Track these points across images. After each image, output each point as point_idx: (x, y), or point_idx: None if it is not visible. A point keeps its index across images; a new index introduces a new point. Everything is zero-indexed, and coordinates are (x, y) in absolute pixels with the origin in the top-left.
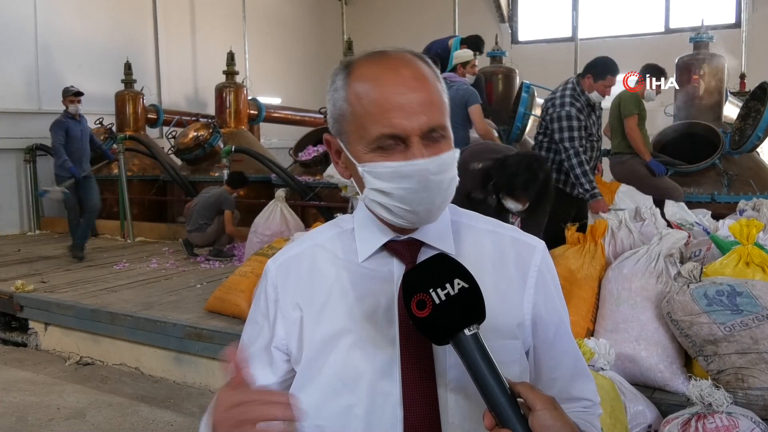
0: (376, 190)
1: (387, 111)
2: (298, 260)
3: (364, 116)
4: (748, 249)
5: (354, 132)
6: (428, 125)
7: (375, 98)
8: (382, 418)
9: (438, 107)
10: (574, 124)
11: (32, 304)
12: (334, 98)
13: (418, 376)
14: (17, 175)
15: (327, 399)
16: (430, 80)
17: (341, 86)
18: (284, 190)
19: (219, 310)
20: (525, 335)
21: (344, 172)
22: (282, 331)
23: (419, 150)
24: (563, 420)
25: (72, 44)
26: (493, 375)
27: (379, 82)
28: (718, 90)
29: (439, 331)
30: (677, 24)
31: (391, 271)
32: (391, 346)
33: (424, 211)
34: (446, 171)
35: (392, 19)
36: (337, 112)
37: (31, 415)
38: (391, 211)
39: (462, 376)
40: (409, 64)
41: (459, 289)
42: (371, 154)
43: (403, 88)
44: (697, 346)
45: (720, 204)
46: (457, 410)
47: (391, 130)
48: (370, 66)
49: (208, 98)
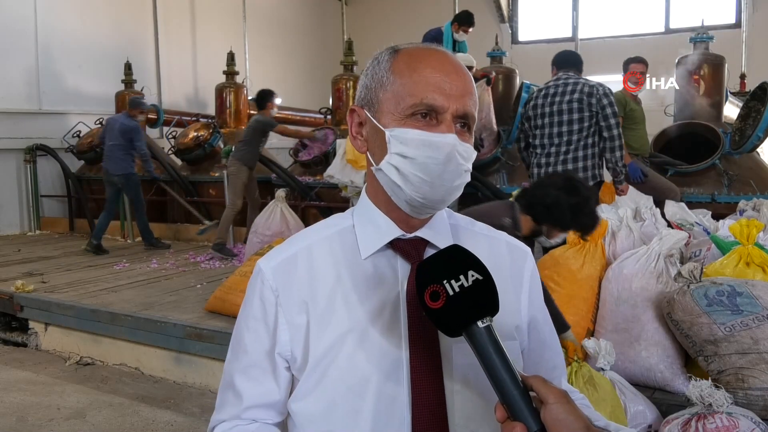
0: (399, 154)
1: (431, 84)
2: (295, 261)
3: (406, 85)
4: (748, 249)
5: (389, 100)
6: (464, 110)
7: (422, 72)
8: (390, 421)
9: (473, 100)
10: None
11: (32, 304)
12: (374, 71)
13: (426, 378)
14: (17, 175)
15: (334, 404)
16: (468, 76)
17: (386, 60)
18: (284, 190)
19: (219, 310)
20: (522, 337)
21: (362, 146)
22: (286, 337)
23: (450, 127)
24: (576, 414)
25: (72, 44)
26: (505, 367)
27: (427, 62)
28: (718, 90)
29: (453, 323)
30: (677, 24)
31: (395, 269)
32: (398, 348)
33: (439, 187)
34: (469, 159)
35: (392, 19)
36: (374, 83)
37: (31, 415)
38: (406, 178)
39: (470, 376)
40: (452, 57)
41: (473, 281)
42: (403, 120)
43: (448, 70)
44: (697, 347)
45: (720, 204)
46: (464, 411)
47: (432, 101)
48: (418, 51)
49: (208, 98)
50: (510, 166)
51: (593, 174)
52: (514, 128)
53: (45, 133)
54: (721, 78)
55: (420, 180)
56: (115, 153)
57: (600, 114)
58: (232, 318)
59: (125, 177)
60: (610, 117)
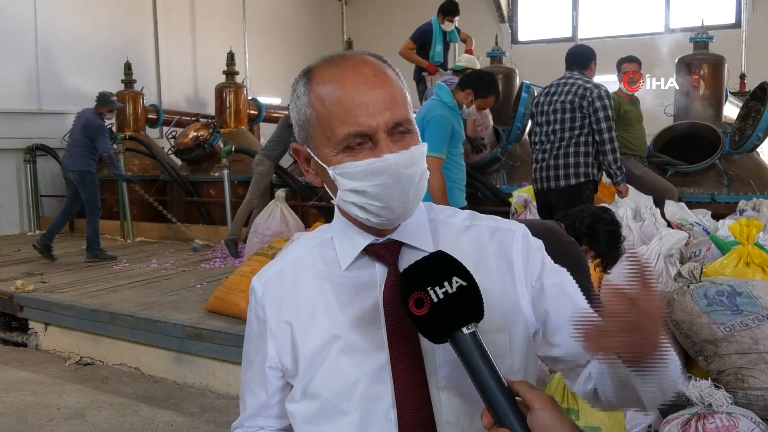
0: (350, 190)
1: (351, 110)
2: (281, 276)
3: (328, 118)
4: (748, 249)
5: (320, 135)
6: (393, 120)
7: (338, 98)
8: (377, 421)
9: (401, 102)
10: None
11: (32, 304)
12: (297, 106)
13: (409, 377)
14: (17, 175)
15: (321, 409)
16: (390, 77)
17: (303, 92)
18: (284, 190)
19: (219, 310)
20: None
21: (315, 180)
22: (273, 350)
23: (387, 146)
24: (562, 419)
25: (72, 44)
26: (491, 374)
27: (341, 83)
28: (718, 90)
29: (438, 330)
30: (677, 24)
31: (374, 275)
32: (380, 350)
33: (399, 206)
34: (416, 164)
35: (392, 19)
36: (301, 119)
37: (31, 415)
38: (366, 210)
39: (453, 373)
40: (369, 62)
41: (457, 288)
42: (340, 155)
43: (364, 86)
44: (697, 347)
45: (720, 204)
46: (450, 408)
47: (357, 129)
48: (329, 69)
49: (208, 98)
50: (510, 166)
51: (585, 172)
52: (514, 128)
53: (45, 133)
54: (721, 78)
55: (378, 207)
56: (74, 148)
57: (592, 117)
58: (231, 318)
59: (80, 174)
60: (602, 121)
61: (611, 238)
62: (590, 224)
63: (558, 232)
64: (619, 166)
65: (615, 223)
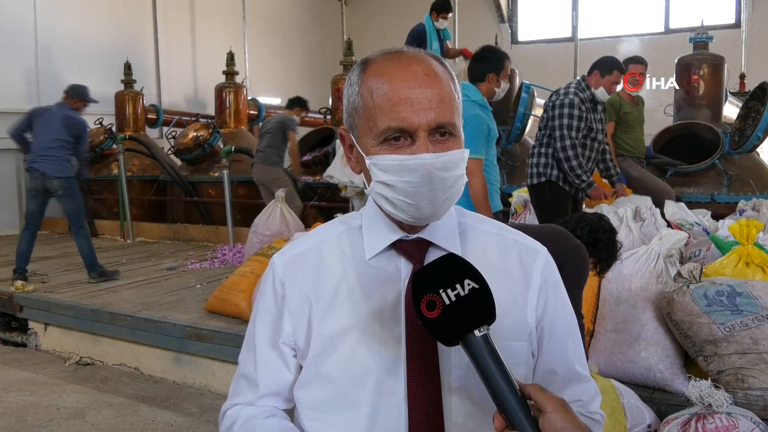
0: (381, 182)
1: (396, 105)
2: (306, 257)
3: (373, 109)
4: (748, 249)
5: (364, 125)
6: (436, 121)
7: (386, 92)
8: (387, 416)
9: (448, 105)
10: (574, 113)
11: (32, 304)
12: (348, 93)
13: (422, 375)
14: (17, 175)
15: (333, 394)
16: (442, 78)
17: (356, 81)
18: (284, 190)
19: (219, 310)
20: (531, 337)
21: (356, 167)
22: (289, 327)
23: (425, 145)
24: (574, 422)
25: (72, 44)
26: (503, 376)
27: (391, 77)
28: (718, 90)
29: (449, 332)
30: (677, 24)
31: (398, 269)
32: (397, 344)
33: (427, 206)
34: (453, 169)
35: (392, 19)
36: (350, 106)
37: (31, 415)
38: (394, 204)
39: (465, 375)
40: (423, 61)
41: (469, 290)
42: (379, 146)
43: (413, 83)
44: (696, 347)
45: (720, 204)
46: (460, 410)
47: (398, 123)
48: (383, 62)
49: (208, 98)
50: (510, 166)
51: (544, 173)
52: (513, 128)
53: None
54: (721, 78)
55: (406, 204)
56: (54, 151)
57: (549, 122)
58: (231, 318)
59: (67, 181)
60: (556, 129)
61: (609, 245)
62: (590, 232)
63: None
64: (577, 174)
65: (612, 231)
